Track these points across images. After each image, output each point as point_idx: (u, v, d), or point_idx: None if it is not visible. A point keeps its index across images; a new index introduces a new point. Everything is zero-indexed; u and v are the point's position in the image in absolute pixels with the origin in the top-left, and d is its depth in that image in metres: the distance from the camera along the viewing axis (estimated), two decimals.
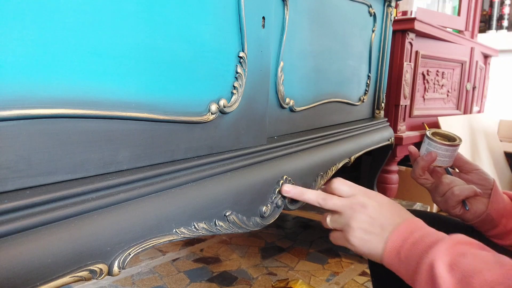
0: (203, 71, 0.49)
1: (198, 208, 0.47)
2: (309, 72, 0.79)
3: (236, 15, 0.52)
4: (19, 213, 0.31)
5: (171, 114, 0.45)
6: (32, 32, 0.32)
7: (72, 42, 0.34)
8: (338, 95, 0.94)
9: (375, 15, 1.07)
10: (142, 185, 0.42)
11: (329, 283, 1.17)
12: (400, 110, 1.38)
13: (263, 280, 1.16)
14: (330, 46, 0.86)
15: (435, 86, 1.59)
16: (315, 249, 1.40)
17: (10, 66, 0.30)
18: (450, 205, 0.57)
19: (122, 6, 0.38)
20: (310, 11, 0.75)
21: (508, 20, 2.59)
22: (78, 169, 0.37)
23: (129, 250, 0.39)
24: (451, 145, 0.58)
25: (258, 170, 0.58)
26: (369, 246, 0.46)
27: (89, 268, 0.35)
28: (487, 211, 0.56)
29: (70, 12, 0.34)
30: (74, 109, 0.35)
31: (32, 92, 0.32)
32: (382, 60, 1.17)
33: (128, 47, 0.39)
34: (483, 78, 2.07)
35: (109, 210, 0.38)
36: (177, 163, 0.47)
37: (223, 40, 0.51)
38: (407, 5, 1.79)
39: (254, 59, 0.57)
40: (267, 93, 0.62)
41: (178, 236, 0.44)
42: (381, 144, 1.16)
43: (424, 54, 1.46)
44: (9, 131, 0.31)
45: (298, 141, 0.72)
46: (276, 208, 0.61)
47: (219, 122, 0.53)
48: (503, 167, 1.96)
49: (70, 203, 0.35)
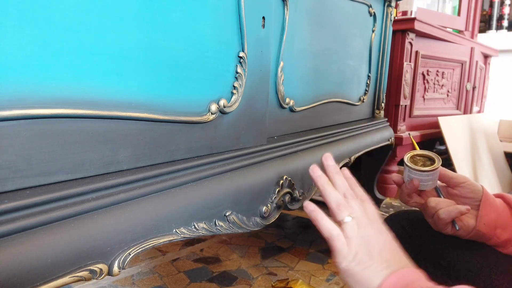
0: (203, 71, 0.49)
1: (198, 208, 0.47)
2: (309, 72, 0.79)
3: (236, 15, 0.52)
4: (19, 213, 0.31)
5: (171, 114, 0.45)
6: (32, 32, 0.32)
7: (72, 42, 0.34)
8: (338, 95, 0.94)
9: (375, 15, 1.07)
10: (142, 185, 0.42)
11: (329, 283, 1.17)
12: (400, 110, 1.38)
13: (263, 280, 1.16)
14: (330, 46, 0.85)
15: (435, 86, 1.59)
16: (315, 249, 1.40)
17: (10, 66, 0.30)
18: (440, 227, 0.56)
19: (122, 7, 0.38)
20: (310, 11, 0.75)
21: (508, 20, 2.59)
22: (78, 169, 0.37)
23: (129, 250, 0.39)
24: (430, 170, 0.57)
25: (258, 170, 0.58)
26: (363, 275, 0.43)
27: (89, 268, 0.35)
28: (476, 228, 0.55)
29: (70, 12, 0.34)
30: (74, 109, 0.35)
31: (32, 92, 0.32)
32: (382, 60, 1.17)
33: (128, 47, 0.39)
34: (483, 78, 2.07)
35: (109, 210, 0.38)
36: (177, 163, 0.47)
37: (223, 40, 0.51)
38: (407, 5, 1.79)
39: (254, 59, 0.57)
40: (267, 93, 0.62)
41: (178, 236, 0.44)
42: (381, 144, 1.16)
43: (424, 54, 1.46)
44: (9, 131, 0.31)
45: (298, 141, 0.72)
46: (276, 208, 0.61)
47: (219, 122, 0.53)
48: (503, 167, 1.96)
49: (70, 203, 0.35)
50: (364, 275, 0.43)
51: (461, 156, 1.57)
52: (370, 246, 0.44)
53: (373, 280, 0.42)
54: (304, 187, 0.70)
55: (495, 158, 1.90)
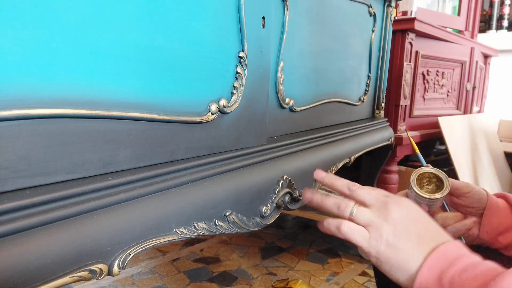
0: (203, 71, 0.49)
1: (198, 208, 0.47)
2: (309, 72, 0.79)
3: (236, 15, 0.52)
4: (19, 213, 0.31)
5: (171, 114, 0.45)
6: (32, 32, 0.32)
7: (72, 42, 0.34)
8: (338, 95, 0.94)
9: (375, 15, 1.07)
10: (142, 185, 0.42)
11: (329, 283, 1.17)
12: (400, 110, 1.38)
13: (263, 280, 1.16)
14: (330, 46, 0.85)
15: (435, 86, 1.59)
16: (315, 249, 1.40)
17: (10, 66, 0.30)
18: None
19: (122, 6, 0.38)
20: (310, 11, 0.75)
21: (508, 20, 2.59)
22: (78, 169, 0.37)
23: (129, 250, 0.39)
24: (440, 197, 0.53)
25: (258, 170, 0.58)
26: (399, 258, 0.38)
27: (89, 268, 0.35)
28: (479, 236, 0.54)
29: (70, 12, 0.34)
30: (74, 109, 0.35)
31: (32, 92, 0.32)
32: (382, 60, 1.17)
33: (128, 47, 0.39)
34: (483, 78, 2.07)
35: (109, 210, 0.38)
36: (177, 163, 0.47)
37: (223, 40, 0.51)
38: (407, 5, 1.79)
39: (254, 59, 0.57)
40: (267, 93, 0.62)
41: (178, 236, 0.44)
42: (381, 144, 1.16)
43: (424, 54, 1.46)
44: (9, 131, 0.31)
45: (298, 141, 0.72)
46: (276, 208, 0.61)
47: (219, 122, 0.53)
48: (503, 167, 1.96)
49: (70, 203, 0.35)
50: (400, 258, 0.38)
51: (461, 156, 1.57)
52: (398, 226, 0.40)
53: (411, 262, 0.38)
54: (304, 187, 0.70)
55: (495, 158, 1.90)
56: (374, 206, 0.42)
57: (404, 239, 0.39)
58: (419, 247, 0.38)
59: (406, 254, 0.38)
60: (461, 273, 0.35)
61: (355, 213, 0.42)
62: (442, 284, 0.35)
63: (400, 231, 0.39)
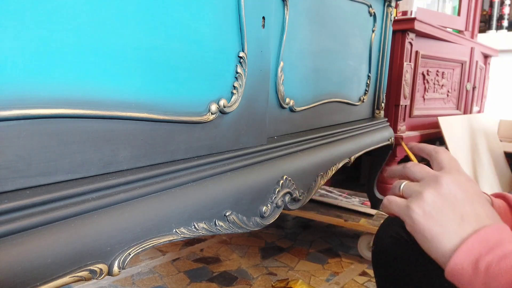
0: (203, 71, 0.49)
1: (198, 208, 0.47)
2: (309, 72, 0.79)
3: (236, 15, 0.52)
4: (19, 213, 0.31)
5: (171, 114, 0.45)
6: (32, 32, 0.32)
7: (72, 42, 0.34)
8: (338, 95, 0.94)
9: (375, 15, 1.07)
10: (142, 185, 0.42)
11: (329, 283, 1.17)
12: (400, 110, 1.38)
13: (263, 280, 1.16)
14: (330, 46, 0.85)
15: (435, 86, 1.59)
16: (315, 249, 1.40)
17: (10, 66, 0.30)
18: None
19: (122, 6, 0.38)
20: (310, 11, 0.75)
21: (508, 20, 2.59)
22: (78, 169, 0.37)
23: (129, 250, 0.39)
24: None
25: (258, 170, 0.58)
26: (434, 230, 0.36)
27: (89, 268, 0.35)
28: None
29: (70, 12, 0.34)
30: (74, 109, 0.35)
31: (32, 92, 0.32)
32: (382, 60, 1.17)
33: (128, 47, 0.39)
34: (483, 78, 2.07)
35: (109, 210, 0.38)
36: (177, 163, 0.47)
37: (223, 40, 0.51)
38: (407, 5, 1.79)
39: (254, 59, 0.57)
40: (267, 93, 0.62)
41: (178, 236, 0.44)
42: (381, 144, 1.16)
43: (424, 54, 1.46)
44: (9, 131, 0.31)
45: (298, 141, 0.72)
46: (276, 208, 0.61)
47: (219, 122, 0.53)
48: (503, 167, 1.96)
49: (70, 203, 0.35)
50: (434, 230, 0.37)
51: (461, 156, 1.57)
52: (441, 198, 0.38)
53: (446, 239, 0.36)
54: (304, 187, 0.70)
55: (495, 158, 1.90)
56: (424, 179, 0.41)
57: (445, 213, 0.37)
58: (459, 226, 0.36)
59: (443, 228, 0.37)
60: (500, 260, 0.33)
61: (402, 188, 0.42)
62: (477, 268, 0.34)
63: (442, 203, 0.37)
